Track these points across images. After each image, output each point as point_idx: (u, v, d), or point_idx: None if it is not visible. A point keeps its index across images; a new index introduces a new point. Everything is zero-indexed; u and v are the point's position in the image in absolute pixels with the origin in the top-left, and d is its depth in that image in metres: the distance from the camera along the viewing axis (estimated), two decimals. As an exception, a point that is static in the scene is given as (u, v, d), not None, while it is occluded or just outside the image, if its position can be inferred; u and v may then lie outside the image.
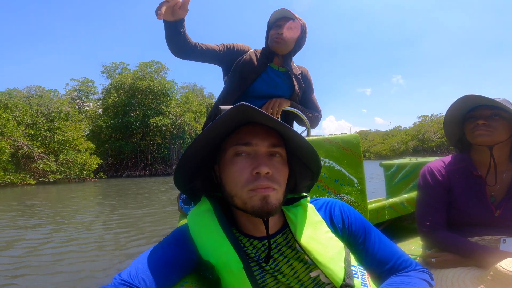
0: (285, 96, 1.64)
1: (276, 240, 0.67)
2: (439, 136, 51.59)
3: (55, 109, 16.91)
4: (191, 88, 36.80)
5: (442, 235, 1.06)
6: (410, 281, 0.65)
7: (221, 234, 0.62)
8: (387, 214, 1.75)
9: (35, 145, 15.02)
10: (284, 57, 1.61)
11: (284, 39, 1.53)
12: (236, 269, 0.59)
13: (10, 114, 14.67)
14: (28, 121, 15.47)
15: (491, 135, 1.02)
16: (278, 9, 1.57)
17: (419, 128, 58.50)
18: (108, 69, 27.93)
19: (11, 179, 13.32)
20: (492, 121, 1.02)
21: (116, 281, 0.54)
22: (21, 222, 5.50)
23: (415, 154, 53.12)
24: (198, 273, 0.65)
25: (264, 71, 1.60)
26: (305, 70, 1.75)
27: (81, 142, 17.44)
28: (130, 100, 24.44)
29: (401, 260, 0.69)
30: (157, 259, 0.60)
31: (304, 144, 0.65)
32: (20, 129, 14.62)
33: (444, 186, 1.12)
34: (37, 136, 15.51)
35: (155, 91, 24.53)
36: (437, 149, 50.91)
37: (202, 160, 0.67)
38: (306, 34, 1.65)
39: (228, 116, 0.57)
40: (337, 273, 0.61)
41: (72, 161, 16.17)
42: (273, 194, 0.60)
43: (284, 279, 0.64)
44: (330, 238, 0.66)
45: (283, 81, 1.63)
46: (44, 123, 16.11)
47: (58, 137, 16.05)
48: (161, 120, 23.61)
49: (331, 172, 1.33)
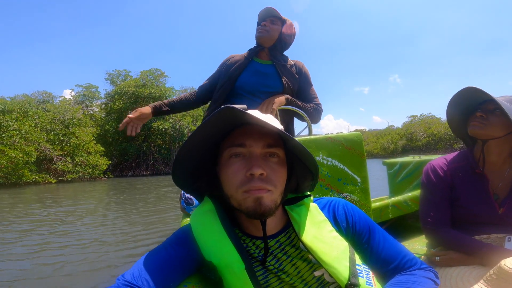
0: (278, 88, 1.62)
1: (279, 240, 0.67)
2: (426, 135, 53.27)
3: (69, 116, 19.10)
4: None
5: (447, 233, 1.05)
6: (415, 279, 0.64)
7: (223, 235, 0.62)
8: (390, 213, 1.74)
9: (55, 148, 17.19)
10: (270, 49, 1.66)
11: (267, 28, 1.61)
12: (238, 269, 0.59)
13: (33, 122, 16.82)
14: (47, 127, 17.65)
15: (483, 128, 1.00)
16: (265, 8, 1.63)
17: (408, 128, 59.79)
18: (111, 76, 30.01)
19: (36, 178, 15.48)
20: (492, 115, 1.00)
21: (120, 282, 0.55)
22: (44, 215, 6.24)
23: (404, 153, 54.10)
24: (201, 274, 0.65)
25: (249, 64, 1.64)
26: (299, 63, 1.74)
27: (92, 145, 19.61)
28: (133, 106, 26.57)
29: (406, 259, 0.68)
30: (160, 259, 0.60)
31: (296, 145, 0.63)
32: (42, 135, 16.79)
33: (447, 183, 1.10)
34: (55, 141, 17.67)
35: (156, 97, 26.64)
36: (424, 148, 52.07)
37: (204, 160, 0.68)
38: (294, 31, 1.70)
39: (213, 120, 0.57)
40: (342, 272, 0.60)
41: (86, 162, 18.35)
42: (267, 195, 0.59)
43: (288, 278, 0.63)
44: (334, 237, 0.65)
45: (272, 73, 1.64)
46: (61, 129, 18.31)
47: (73, 141, 18.25)
48: (162, 124, 25.71)
49: (334, 171, 1.31)
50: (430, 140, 52.20)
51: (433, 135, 52.15)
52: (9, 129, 15.17)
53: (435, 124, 53.86)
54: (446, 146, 48.95)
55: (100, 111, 29.43)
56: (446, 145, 49.28)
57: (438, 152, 44.10)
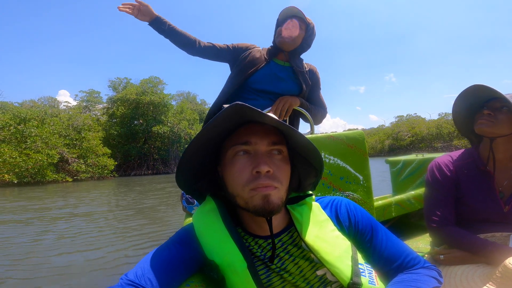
0: (294, 92, 1.62)
1: (282, 239, 0.67)
2: (410, 135, 55.38)
3: (80, 122, 21.71)
4: (185, 95, 41.61)
5: (451, 231, 1.03)
6: (418, 278, 0.64)
7: (225, 234, 0.62)
8: (393, 211, 1.73)
9: (72, 151, 19.75)
10: (290, 53, 1.63)
11: (293, 37, 1.56)
12: (240, 268, 0.59)
13: (49, 128, 19.41)
14: (63, 133, 20.25)
15: (492, 126, 0.99)
16: (287, 7, 1.58)
17: (394, 128, 62.07)
18: (113, 83, 32.54)
19: (56, 177, 18.07)
20: (499, 113, 0.99)
21: (123, 281, 0.55)
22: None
23: (390, 152, 56.09)
24: (204, 273, 0.65)
25: (266, 64, 1.60)
26: (313, 67, 1.74)
27: (100, 148, 22.22)
28: (134, 111, 29.15)
29: (409, 258, 0.68)
30: (162, 259, 0.60)
31: (303, 141, 0.63)
32: (60, 140, 19.39)
33: (452, 181, 1.09)
34: (70, 145, 20.22)
35: (155, 103, 29.24)
36: (409, 147, 54.04)
37: (205, 161, 0.67)
38: (314, 34, 1.67)
39: (223, 116, 0.56)
40: (344, 271, 0.60)
41: (96, 163, 20.94)
42: (274, 192, 0.59)
43: (290, 277, 0.63)
44: (337, 236, 0.65)
45: (288, 77, 1.62)
46: (74, 134, 20.89)
47: (85, 145, 20.84)
48: (161, 128, 28.03)
49: (336, 170, 1.31)
50: (414, 140, 54.33)
51: (417, 134, 54.25)
52: (31, 135, 17.74)
53: (419, 124, 56.27)
54: (428, 145, 51.47)
55: (102, 115, 31.93)
56: (428, 144, 51.88)
57: (421, 150, 46.96)
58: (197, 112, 34.76)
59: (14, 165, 16.15)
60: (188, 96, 42.03)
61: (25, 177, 16.55)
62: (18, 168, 16.26)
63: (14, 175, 16.13)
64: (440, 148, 47.46)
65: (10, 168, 16.11)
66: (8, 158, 16.05)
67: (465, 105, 1.10)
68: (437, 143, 49.38)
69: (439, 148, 47.37)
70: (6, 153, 16.14)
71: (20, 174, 16.33)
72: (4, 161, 15.98)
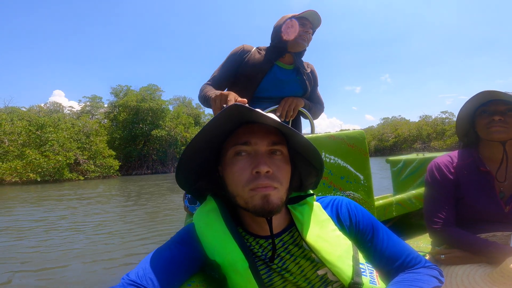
0: (297, 94, 1.61)
1: (283, 239, 0.67)
2: (393, 136, 58.02)
3: (89, 128, 24.85)
4: (181, 100, 44.53)
5: (452, 231, 1.03)
6: (419, 278, 0.63)
7: (226, 234, 0.62)
8: (394, 211, 1.73)
9: (84, 153, 22.75)
10: (297, 55, 1.64)
11: (304, 42, 1.56)
12: (242, 268, 0.59)
13: (64, 133, 22.51)
14: (75, 137, 23.30)
15: (507, 131, 0.99)
16: (314, 13, 1.56)
17: (380, 129, 64.79)
18: (115, 90, 35.66)
19: (70, 176, 21.13)
20: (507, 116, 1.00)
21: (124, 281, 0.55)
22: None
23: (376, 152, 58.55)
24: (205, 272, 0.66)
25: (270, 70, 1.59)
26: (312, 66, 1.76)
27: (106, 150, 25.36)
28: (135, 117, 32.29)
29: (410, 257, 0.68)
30: (164, 258, 0.60)
31: (303, 141, 0.63)
32: (74, 144, 22.46)
33: (452, 181, 1.09)
34: (81, 148, 23.31)
35: (154, 110, 32.37)
36: (392, 148, 56.93)
37: (206, 161, 0.68)
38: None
39: (223, 117, 0.57)
40: (345, 271, 0.60)
41: (104, 164, 23.98)
42: (274, 193, 0.59)
43: (292, 277, 0.64)
44: (338, 236, 0.65)
45: (292, 80, 1.62)
46: (85, 139, 23.91)
47: (94, 148, 23.93)
48: (160, 132, 30.98)
49: (336, 169, 1.30)
50: (397, 141, 57.11)
51: (399, 136, 57.12)
52: (49, 139, 20.83)
53: (402, 125, 59.10)
54: (409, 146, 54.04)
55: (104, 118, 35.00)
56: (409, 145, 54.48)
57: (403, 151, 49.15)
58: (192, 117, 37.93)
59: (37, 165, 19.14)
60: (184, 100, 44.77)
61: (46, 176, 19.53)
62: (41, 168, 19.25)
63: (37, 174, 19.10)
64: (420, 148, 50.53)
65: (33, 168, 19.11)
66: (33, 159, 19.06)
67: (469, 110, 1.11)
68: (417, 144, 52.50)
69: (419, 149, 50.34)
70: (31, 155, 19.16)
71: (42, 173, 19.29)
72: (29, 162, 18.97)
